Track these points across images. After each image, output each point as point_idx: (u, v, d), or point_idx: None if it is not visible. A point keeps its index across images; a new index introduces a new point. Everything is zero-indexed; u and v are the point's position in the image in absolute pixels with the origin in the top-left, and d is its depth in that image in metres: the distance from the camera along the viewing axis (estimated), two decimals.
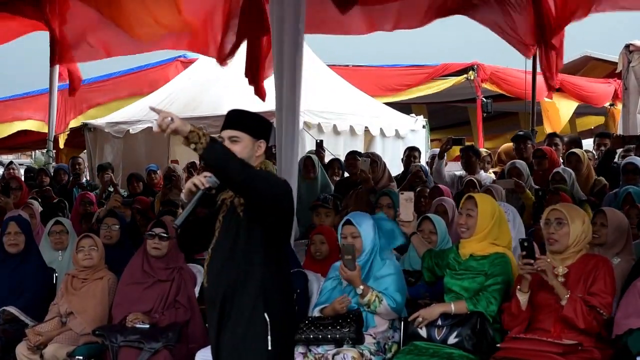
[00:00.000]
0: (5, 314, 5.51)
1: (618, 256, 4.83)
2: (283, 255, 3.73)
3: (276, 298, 3.60)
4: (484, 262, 4.47)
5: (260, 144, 3.68)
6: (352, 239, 4.73)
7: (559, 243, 4.25)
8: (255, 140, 3.66)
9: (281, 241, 3.73)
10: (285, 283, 3.70)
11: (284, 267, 3.72)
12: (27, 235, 5.85)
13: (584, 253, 4.28)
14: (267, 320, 3.54)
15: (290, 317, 3.78)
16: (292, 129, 5.92)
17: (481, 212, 4.52)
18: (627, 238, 4.92)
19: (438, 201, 6.18)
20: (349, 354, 4.44)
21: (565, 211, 4.27)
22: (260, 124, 3.74)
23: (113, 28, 8.69)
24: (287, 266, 3.79)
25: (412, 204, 4.88)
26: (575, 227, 4.22)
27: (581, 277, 4.18)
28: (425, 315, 4.40)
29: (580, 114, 15.06)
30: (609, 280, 4.16)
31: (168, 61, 13.43)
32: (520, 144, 8.39)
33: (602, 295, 4.11)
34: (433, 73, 13.17)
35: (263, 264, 3.59)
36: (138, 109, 11.32)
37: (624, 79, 10.62)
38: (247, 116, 3.76)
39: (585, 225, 4.29)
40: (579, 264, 4.23)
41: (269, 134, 3.78)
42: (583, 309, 4.05)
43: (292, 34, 5.81)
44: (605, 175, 7.48)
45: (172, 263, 5.27)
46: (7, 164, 12.62)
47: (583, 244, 4.27)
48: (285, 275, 3.72)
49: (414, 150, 8.91)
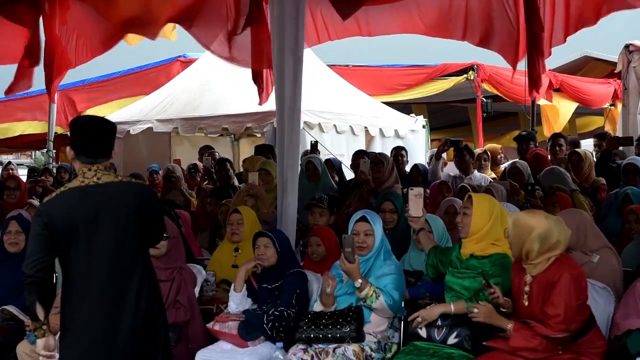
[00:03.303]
0: (5, 314, 5.52)
1: (596, 253, 4.80)
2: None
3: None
4: (484, 262, 4.47)
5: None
6: (364, 236, 4.75)
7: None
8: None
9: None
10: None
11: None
12: (27, 235, 5.84)
13: (554, 259, 4.04)
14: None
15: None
16: (292, 129, 5.91)
17: (476, 211, 4.51)
18: (586, 233, 4.83)
19: (448, 202, 6.17)
20: (350, 348, 4.46)
21: (511, 220, 4.16)
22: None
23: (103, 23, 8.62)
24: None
25: (422, 200, 4.88)
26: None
27: (544, 288, 4.02)
28: (424, 315, 4.40)
29: (580, 114, 15.08)
30: (563, 293, 3.93)
31: (168, 61, 13.43)
32: (522, 144, 8.41)
33: (551, 316, 3.94)
34: (433, 73, 13.17)
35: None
36: (138, 109, 11.33)
37: (624, 79, 10.63)
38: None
39: (539, 236, 4.01)
40: (545, 276, 4.03)
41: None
42: (532, 332, 3.98)
43: (292, 34, 5.80)
44: (604, 176, 7.50)
45: (172, 263, 5.27)
46: (5, 164, 12.64)
47: (545, 255, 4.03)
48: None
49: (400, 150, 8.93)
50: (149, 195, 3.94)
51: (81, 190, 3.72)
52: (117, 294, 3.70)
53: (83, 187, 3.73)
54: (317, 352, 4.56)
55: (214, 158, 9.24)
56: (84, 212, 3.68)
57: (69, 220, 3.66)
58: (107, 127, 3.91)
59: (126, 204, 3.75)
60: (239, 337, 4.88)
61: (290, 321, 4.80)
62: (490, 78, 12.78)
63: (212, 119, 10.42)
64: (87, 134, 3.82)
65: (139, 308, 3.73)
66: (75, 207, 3.68)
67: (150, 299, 3.81)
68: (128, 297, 3.72)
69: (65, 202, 3.69)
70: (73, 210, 3.67)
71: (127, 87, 13.62)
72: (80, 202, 3.69)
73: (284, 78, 5.87)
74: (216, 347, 4.97)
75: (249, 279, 5.11)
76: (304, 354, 4.58)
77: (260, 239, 5.12)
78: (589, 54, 14.72)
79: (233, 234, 5.74)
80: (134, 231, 3.77)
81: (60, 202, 3.68)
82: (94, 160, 3.79)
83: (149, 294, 3.79)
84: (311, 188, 7.39)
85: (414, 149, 10.75)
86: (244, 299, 5.06)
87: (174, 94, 11.23)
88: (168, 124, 10.67)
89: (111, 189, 3.75)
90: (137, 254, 3.79)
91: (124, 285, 3.72)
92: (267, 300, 5.00)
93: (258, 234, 5.21)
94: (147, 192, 3.94)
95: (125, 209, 3.74)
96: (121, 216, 3.72)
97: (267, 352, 4.82)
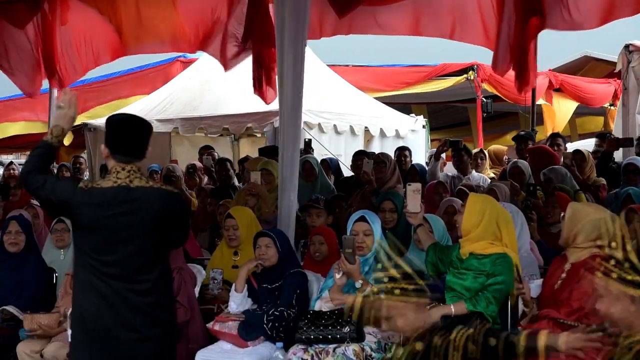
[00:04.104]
0: (5, 314, 5.52)
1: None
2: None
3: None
4: (485, 262, 4.46)
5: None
6: (364, 236, 4.75)
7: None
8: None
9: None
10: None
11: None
12: (27, 235, 5.85)
13: (594, 253, 4.15)
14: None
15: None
16: (293, 130, 5.92)
17: (467, 211, 4.53)
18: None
19: (447, 202, 6.17)
20: (350, 348, 4.46)
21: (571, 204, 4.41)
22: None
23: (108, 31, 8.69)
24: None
25: (420, 195, 4.87)
26: (573, 219, 4.28)
27: (574, 277, 4.15)
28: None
29: (580, 114, 15.08)
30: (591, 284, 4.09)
31: (168, 61, 13.42)
32: (521, 144, 8.41)
33: (571, 301, 4.10)
34: (432, 73, 13.17)
35: None
36: (138, 109, 11.30)
37: (624, 79, 10.62)
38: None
39: (593, 221, 4.19)
40: (582, 263, 4.18)
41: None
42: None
43: (294, 35, 5.80)
44: (605, 176, 7.50)
45: (172, 263, 5.22)
46: (7, 164, 12.63)
47: (590, 243, 4.18)
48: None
49: (404, 150, 8.93)
50: (173, 201, 3.83)
51: (114, 190, 3.67)
52: (124, 299, 3.64)
53: (115, 187, 3.68)
54: (317, 352, 4.56)
55: (214, 158, 9.23)
56: (109, 214, 3.64)
57: (93, 219, 3.64)
58: (144, 126, 3.90)
59: (150, 211, 3.69)
60: (239, 337, 4.87)
61: (290, 321, 4.80)
62: (490, 78, 12.77)
63: (212, 119, 10.42)
64: (123, 132, 3.79)
65: (146, 316, 3.67)
66: (102, 208, 3.64)
67: (160, 306, 3.74)
68: (136, 303, 3.66)
69: (94, 200, 3.64)
70: (99, 210, 3.63)
71: (127, 87, 13.60)
72: (107, 204, 3.64)
73: (284, 77, 5.88)
74: (216, 347, 4.97)
75: (249, 279, 5.11)
76: (304, 353, 4.58)
77: (261, 239, 5.12)
78: (589, 54, 14.72)
79: (230, 240, 5.71)
80: (154, 240, 3.72)
81: (89, 199, 3.65)
82: (129, 159, 3.76)
83: (158, 300, 3.73)
84: (308, 188, 7.39)
85: (414, 149, 10.70)
86: (244, 299, 5.06)
87: (174, 94, 11.23)
88: (168, 124, 10.67)
89: (139, 193, 3.69)
90: (154, 262, 3.73)
91: (133, 289, 3.66)
92: (267, 300, 5.00)
93: (259, 234, 5.20)
94: (171, 198, 3.84)
95: (149, 217, 3.68)
96: (143, 224, 3.67)
97: (267, 352, 4.82)
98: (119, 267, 3.65)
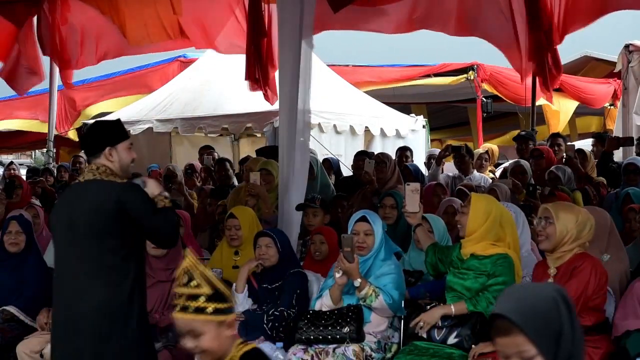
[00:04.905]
0: (5, 314, 5.52)
1: (606, 253, 4.80)
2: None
3: None
4: (486, 262, 4.46)
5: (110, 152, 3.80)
6: (364, 235, 4.75)
7: (547, 241, 4.24)
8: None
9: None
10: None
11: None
12: (27, 235, 5.84)
13: (577, 252, 4.19)
14: None
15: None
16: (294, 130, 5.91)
17: (472, 211, 4.51)
18: (609, 234, 4.87)
19: (447, 202, 6.17)
20: (350, 348, 4.46)
21: (553, 210, 4.24)
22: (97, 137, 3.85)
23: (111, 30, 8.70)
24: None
25: (418, 195, 4.87)
26: (562, 225, 4.18)
27: (564, 278, 4.12)
28: (426, 319, 4.40)
29: (579, 114, 15.07)
30: (582, 279, 4.07)
31: (168, 61, 13.44)
32: (521, 144, 8.41)
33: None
34: (432, 72, 13.16)
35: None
36: (138, 109, 11.32)
37: (624, 79, 10.63)
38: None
39: (578, 224, 4.19)
40: (567, 264, 4.18)
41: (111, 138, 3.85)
42: None
43: (296, 34, 5.81)
44: (605, 176, 7.50)
45: (172, 263, 5.26)
46: (7, 164, 12.64)
47: (575, 243, 4.19)
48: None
49: (405, 150, 8.92)
50: (109, 196, 3.70)
51: (69, 187, 3.81)
52: (72, 298, 3.77)
53: (74, 184, 3.84)
54: (317, 352, 4.56)
55: (214, 158, 9.23)
56: (59, 211, 3.78)
57: (53, 217, 3.82)
58: (95, 127, 4.00)
59: (82, 207, 3.70)
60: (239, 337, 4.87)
61: (290, 321, 4.80)
62: (490, 78, 12.77)
63: (212, 119, 10.41)
64: (83, 134, 3.96)
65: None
66: (57, 205, 3.83)
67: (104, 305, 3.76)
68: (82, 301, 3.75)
69: (59, 197, 3.78)
70: (56, 207, 3.82)
71: (127, 87, 13.62)
72: (60, 201, 3.84)
73: (287, 77, 5.88)
74: None
75: (249, 279, 5.11)
76: (304, 353, 4.58)
77: (261, 239, 5.12)
78: (589, 54, 14.70)
79: (232, 239, 5.69)
80: (91, 238, 3.69)
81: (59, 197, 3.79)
82: (90, 159, 3.87)
83: (104, 297, 3.75)
84: (308, 187, 7.38)
85: (414, 149, 10.72)
86: (245, 300, 5.06)
87: (174, 94, 11.23)
88: (168, 124, 10.67)
89: (79, 189, 3.77)
90: (99, 259, 3.73)
91: (80, 288, 3.76)
92: (267, 300, 5.00)
93: (259, 234, 5.20)
94: (106, 192, 3.71)
95: (82, 212, 3.69)
96: (78, 221, 3.70)
97: (267, 352, 4.80)
98: (66, 266, 3.90)
